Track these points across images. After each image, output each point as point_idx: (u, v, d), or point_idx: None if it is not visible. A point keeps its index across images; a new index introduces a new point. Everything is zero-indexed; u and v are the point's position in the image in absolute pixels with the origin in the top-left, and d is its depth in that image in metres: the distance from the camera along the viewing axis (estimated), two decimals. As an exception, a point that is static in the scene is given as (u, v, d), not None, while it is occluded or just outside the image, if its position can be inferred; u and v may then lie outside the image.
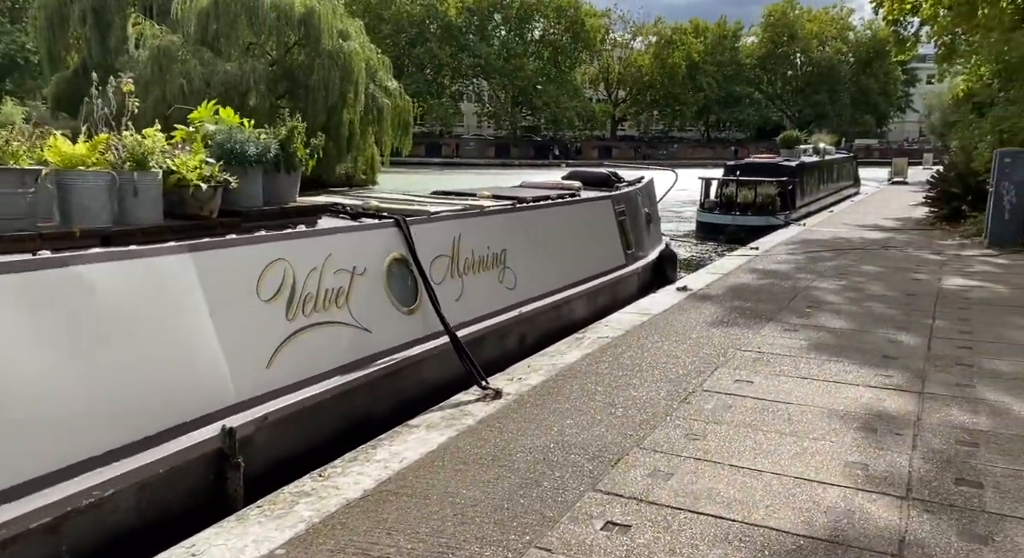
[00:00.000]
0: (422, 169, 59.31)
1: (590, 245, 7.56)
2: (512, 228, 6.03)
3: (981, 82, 15.55)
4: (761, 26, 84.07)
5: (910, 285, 8.28)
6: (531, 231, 6.36)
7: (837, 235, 13.32)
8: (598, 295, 7.38)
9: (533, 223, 6.42)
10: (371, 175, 30.45)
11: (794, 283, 8.47)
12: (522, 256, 6.05)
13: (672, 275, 9.34)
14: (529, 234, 6.31)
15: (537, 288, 6.15)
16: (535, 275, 6.20)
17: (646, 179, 10.11)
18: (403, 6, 70.96)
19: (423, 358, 4.52)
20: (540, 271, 6.32)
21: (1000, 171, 11.07)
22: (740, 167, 18.37)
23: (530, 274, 6.11)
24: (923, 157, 48.17)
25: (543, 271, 6.38)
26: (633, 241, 8.61)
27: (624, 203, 8.63)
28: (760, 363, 5.27)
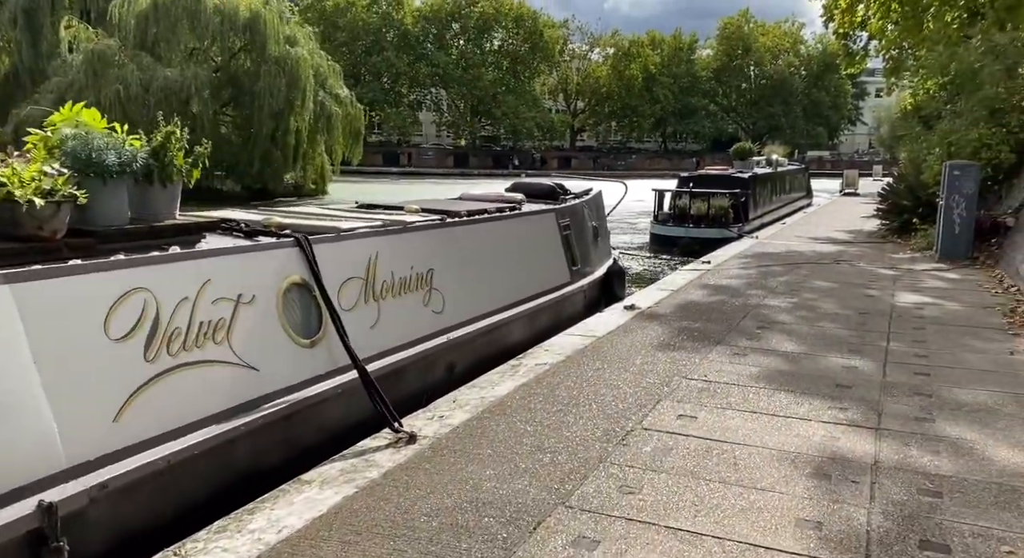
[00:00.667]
0: (378, 178, 58.41)
1: (531, 262, 7.08)
2: (441, 245, 5.51)
3: (928, 95, 15.63)
4: (716, 39, 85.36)
5: (863, 302, 8.00)
6: (463, 248, 5.85)
7: (789, 248, 13.13)
8: (539, 316, 6.90)
9: (465, 239, 5.91)
10: (321, 185, 29.65)
11: (745, 300, 8.13)
12: (452, 276, 5.53)
13: (621, 292, 8.93)
14: (461, 251, 5.80)
15: (469, 311, 5.64)
16: (467, 296, 5.69)
17: (594, 191, 9.70)
18: (359, 14, 70.10)
19: (325, 398, 3.97)
20: (473, 292, 5.81)
21: (950, 185, 10.97)
22: (693, 179, 18.19)
23: (461, 295, 5.60)
24: (873, 169, 49.18)
25: (476, 292, 5.87)
26: (579, 257, 8.17)
27: (569, 216, 8.19)
28: (706, 394, 4.84)
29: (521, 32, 78.57)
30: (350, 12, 69.49)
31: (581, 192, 9.36)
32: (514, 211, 7.20)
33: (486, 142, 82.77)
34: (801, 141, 78.42)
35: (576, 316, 7.66)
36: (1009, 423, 4.29)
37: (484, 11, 76.56)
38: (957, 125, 13.49)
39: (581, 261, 8.24)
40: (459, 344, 5.34)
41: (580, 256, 8.23)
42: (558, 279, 7.54)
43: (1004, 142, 12.51)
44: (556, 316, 7.35)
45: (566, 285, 7.66)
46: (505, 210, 7.13)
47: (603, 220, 9.94)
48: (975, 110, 13.24)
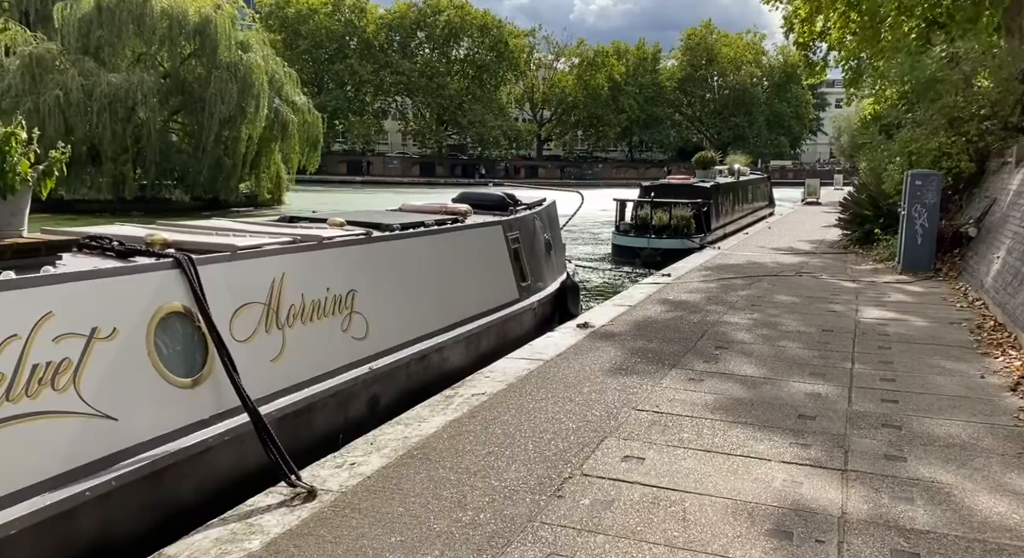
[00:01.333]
0: (341, 188, 57.50)
1: (475, 278, 6.55)
2: (365, 263, 4.94)
3: (889, 104, 15.53)
4: (680, 49, 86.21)
5: (826, 318, 7.62)
6: (394, 265, 5.30)
7: (751, 260, 12.81)
8: (483, 338, 6.36)
9: (397, 255, 5.36)
10: (278, 194, 28.76)
11: (704, 317, 7.70)
12: (379, 297, 4.97)
13: (575, 308, 8.44)
14: (391, 269, 5.24)
15: (398, 335, 5.08)
16: (396, 319, 5.13)
17: (547, 202, 9.22)
18: (321, 22, 69.19)
19: (208, 448, 3.37)
20: (404, 314, 5.25)
21: (911, 194, 10.73)
22: (655, 188, 17.85)
23: (389, 319, 5.04)
24: (834, 178, 49.84)
25: (408, 314, 5.32)
26: (529, 272, 7.66)
27: (519, 229, 7.68)
28: (657, 428, 4.35)
29: (487, 41, 78.39)
30: (312, 19, 68.56)
31: (533, 203, 8.87)
32: (456, 223, 6.66)
33: (453, 151, 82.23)
34: (764, 151, 79.45)
35: (525, 336, 7.15)
36: (986, 462, 3.87)
37: (449, 19, 76.24)
38: (917, 134, 13.35)
39: (532, 276, 7.73)
40: (384, 374, 4.77)
41: (531, 271, 7.72)
42: (505, 296, 7.02)
43: (963, 151, 12.37)
44: (503, 337, 6.82)
45: (514, 302, 7.15)
46: (447, 222, 6.60)
47: (557, 232, 9.47)
48: (934, 119, 13.11)
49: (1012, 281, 7.35)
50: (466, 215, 7.16)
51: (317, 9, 69.71)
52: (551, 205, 9.26)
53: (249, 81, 24.46)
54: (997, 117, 12.42)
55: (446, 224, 6.49)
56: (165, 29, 22.89)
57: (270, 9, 69.55)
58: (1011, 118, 12.28)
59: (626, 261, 16.67)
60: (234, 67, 24.01)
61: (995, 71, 12.55)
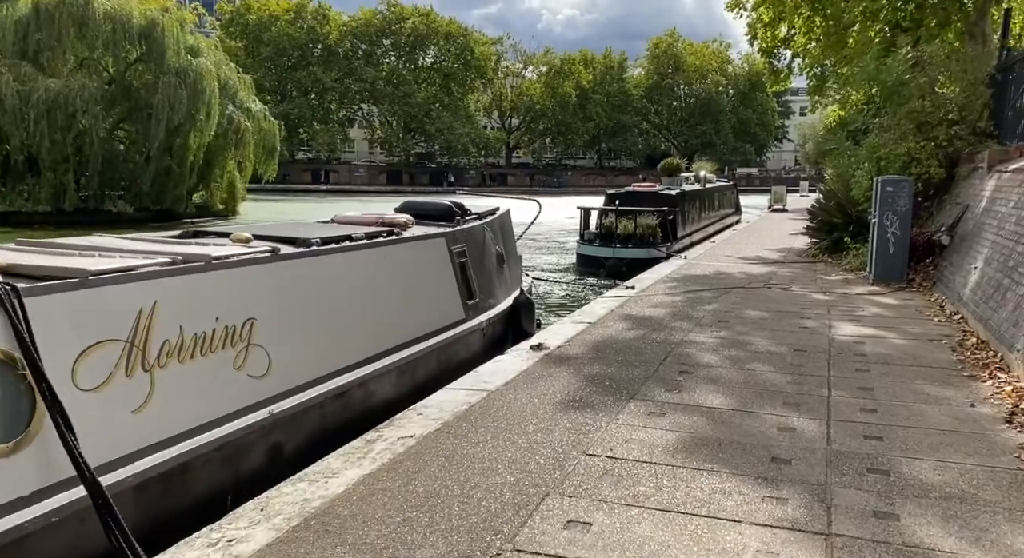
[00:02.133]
0: (303, 197, 56.32)
1: (412, 298, 5.86)
2: (269, 285, 4.23)
3: (855, 108, 15.21)
4: (647, 58, 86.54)
5: (799, 336, 7.06)
6: (307, 287, 4.58)
7: (719, 270, 12.30)
8: (421, 365, 5.67)
9: (311, 275, 4.64)
10: (232, 204, 27.71)
11: (668, 335, 7.09)
12: (285, 325, 4.25)
13: (530, 326, 7.79)
14: (302, 292, 4.53)
15: (310, 369, 4.37)
16: (308, 350, 4.42)
17: (501, 211, 8.57)
18: (283, 28, 67.94)
19: (27, 533, 2.62)
20: (318, 344, 4.54)
21: (882, 201, 10.30)
22: (620, 196, 17.32)
23: (298, 350, 4.32)
24: (800, 185, 50.17)
25: (324, 343, 4.60)
26: (477, 288, 6.99)
27: (466, 241, 7.02)
28: (609, 480, 3.70)
29: (453, 49, 77.81)
30: (274, 26, 67.30)
31: (484, 212, 8.21)
32: (392, 236, 5.97)
33: (421, 159, 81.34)
34: (731, 158, 80.00)
35: (473, 360, 6.47)
36: (991, 519, 3.28)
37: (415, 27, 75.52)
38: (885, 139, 13.01)
39: (480, 293, 7.06)
40: (290, 418, 4.05)
41: (479, 287, 7.05)
42: (449, 317, 6.34)
43: (933, 156, 12.02)
44: (446, 362, 6.14)
45: (460, 323, 6.47)
46: (382, 235, 5.90)
47: (511, 243, 8.82)
48: (902, 124, 12.78)
49: (993, 294, 6.87)
50: (406, 226, 6.48)
51: (279, 16, 68.50)
52: (504, 214, 8.61)
53: (199, 87, 23.44)
54: (965, 122, 12.10)
55: (379, 237, 5.79)
56: (109, 33, 21.80)
57: (231, 16, 68.20)
58: (979, 123, 11.97)
59: (591, 271, 16.09)
60: (183, 72, 22.99)
61: (960, 75, 12.25)
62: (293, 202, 43.62)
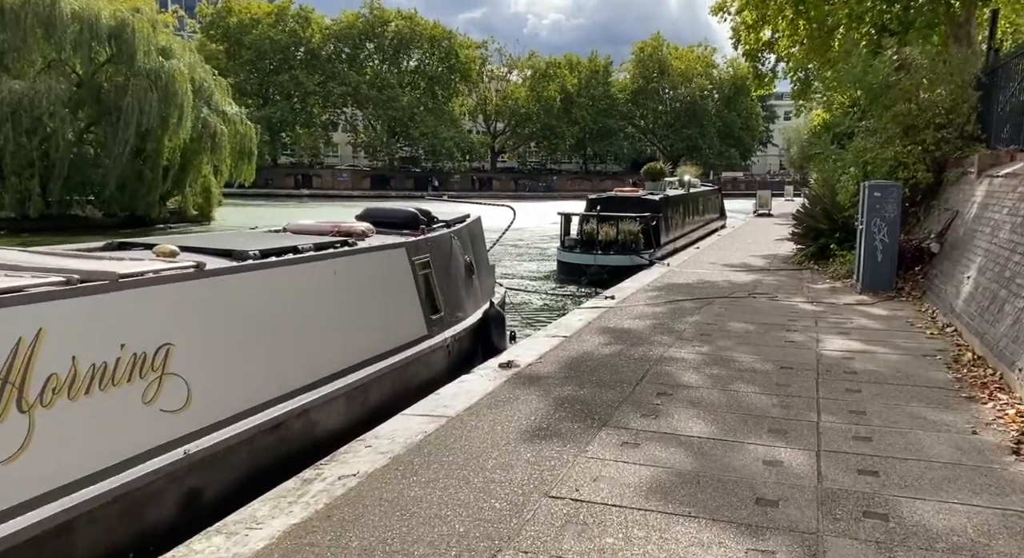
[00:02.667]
0: (286, 201, 55.58)
1: (366, 314, 5.38)
2: (190, 305, 3.75)
3: (841, 110, 14.89)
4: (632, 62, 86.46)
5: (785, 352, 6.65)
6: (239, 306, 4.11)
7: (702, 278, 11.90)
8: (374, 389, 5.19)
9: (244, 293, 4.17)
10: (208, 209, 27.06)
11: (647, 351, 6.66)
12: (209, 351, 3.77)
13: (500, 341, 7.32)
14: (233, 312, 4.05)
15: (237, 401, 3.88)
16: (237, 379, 3.93)
17: (471, 218, 8.11)
18: (264, 31, 67.12)
19: None
20: (250, 370, 4.05)
21: (870, 207, 9.94)
22: (601, 202, 16.90)
23: (224, 379, 3.84)
24: (784, 189, 50.13)
25: (258, 369, 4.12)
26: (443, 302, 6.52)
27: (431, 251, 6.55)
28: (572, 529, 3.24)
29: (437, 52, 77.33)
30: (256, 29, 66.47)
31: (453, 220, 7.75)
32: (346, 246, 5.49)
33: (405, 163, 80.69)
34: (716, 162, 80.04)
35: (436, 380, 6.00)
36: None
37: (398, 30, 74.97)
38: (871, 143, 12.70)
39: (446, 306, 6.59)
40: (211, 457, 3.56)
41: (445, 300, 6.58)
42: (409, 334, 5.87)
43: (920, 161, 11.70)
44: (405, 384, 5.66)
45: (421, 340, 6.00)
46: (335, 245, 5.42)
47: (482, 252, 8.35)
48: (889, 127, 12.47)
49: (989, 306, 6.49)
50: (364, 236, 6.01)
51: (260, 19, 67.70)
52: (474, 222, 8.15)
53: (172, 89, 22.81)
54: (952, 125, 11.80)
55: (331, 247, 5.31)
56: (76, 33, 21.13)
57: (211, 19, 67.32)
58: (967, 126, 11.67)
59: (572, 279, 15.65)
60: (155, 74, 22.35)
61: (947, 78, 11.95)
62: (273, 207, 42.94)
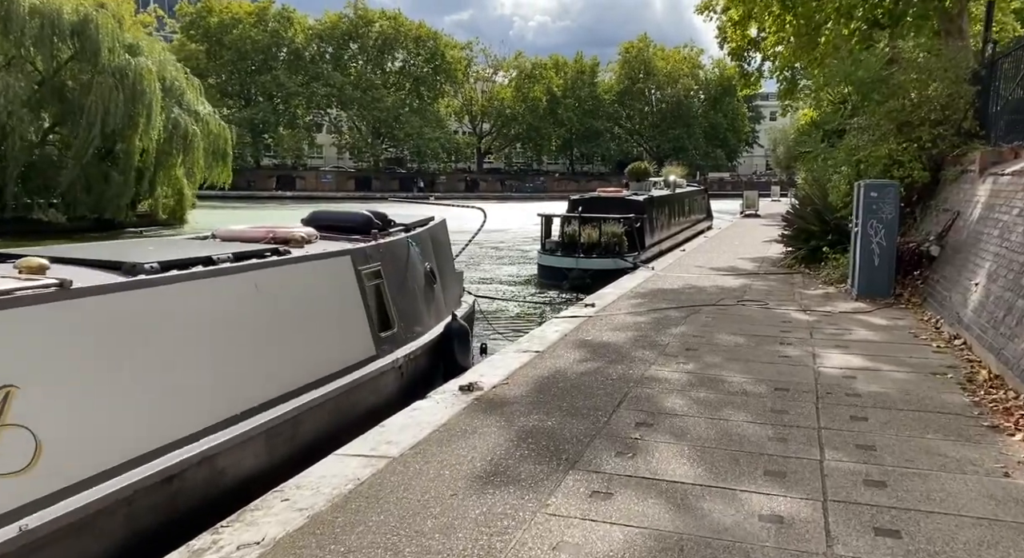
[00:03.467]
0: (267, 203, 54.54)
1: (298, 334, 4.65)
2: (42, 336, 3.01)
3: (832, 106, 14.28)
4: (618, 63, 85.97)
5: (779, 369, 5.97)
6: (119, 333, 3.35)
7: (688, 283, 11.24)
8: (304, 424, 4.45)
9: (128, 316, 3.42)
10: (180, 212, 26.16)
11: (627, 369, 5.97)
12: (74, 392, 3.01)
13: (464, 359, 6.59)
14: (111, 340, 3.30)
15: (113, 452, 3.13)
16: (113, 424, 3.18)
17: (434, 222, 7.38)
18: (246, 31, 66.03)
19: None
20: (134, 412, 3.30)
21: (866, 208, 9.31)
22: (583, 202, 16.20)
23: (95, 426, 3.08)
24: (771, 189, 49.76)
25: (145, 410, 3.37)
26: (396, 316, 5.80)
27: (383, 258, 5.83)
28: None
29: (423, 53, 76.52)
30: (236, 29, 65.38)
31: (413, 223, 7.02)
32: (278, 255, 4.75)
33: (391, 164, 79.76)
34: (702, 163, 79.72)
35: (385, 407, 5.28)
36: None
37: (383, 31, 74.09)
38: (864, 140, 12.10)
39: (400, 321, 5.87)
40: (66, 528, 2.81)
41: (399, 314, 5.86)
42: (352, 354, 5.14)
43: (916, 159, 11.10)
44: (347, 413, 4.94)
45: (368, 362, 5.27)
46: (265, 254, 4.68)
47: (447, 259, 7.62)
48: (882, 124, 11.87)
49: (1005, 318, 5.85)
50: (303, 242, 5.27)
51: (241, 19, 66.62)
52: (438, 226, 7.41)
53: (139, 88, 21.92)
54: (949, 121, 11.21)
55: (258, 256, 4.57)
56: (37, 29, 20.21)
57: (192, 18, 66.16)
58: (964, 122, 11.08)
59: (553, 284, 14.94)
60: (120, 72, 21.47)
61: (942, 73, 11.36)
62: (250, 209, 41.95)
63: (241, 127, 70.27)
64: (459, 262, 9.40)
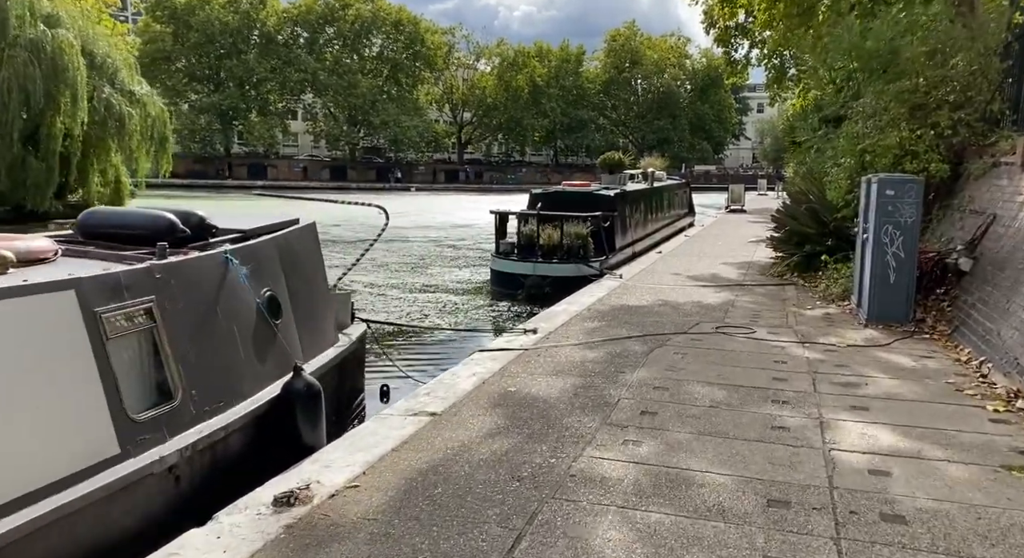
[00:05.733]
0: (232, 193, 52.00)
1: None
2: None
3: (834, 86, 12.30)
4: (604, 51, 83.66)
5: (774, 457, 4.01)
6: None
7: (660, 297, 9.27)
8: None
9: None
10: (118, 201, 23.82)
11: (551, 455, 4.00)
12: None
13: (311, 434, 4.47)
14: None
15: None
16: None
17: (294, 227, 5.30)
18: (214, 12, 63.10)
19: None
20: None
21: (879, 209, 7.37)
22: (543, 198, 14.13)
23: None
24: (758, 183, 47.98)
25: None
26: (181, 379, 3.74)
27: (162, 290, 3.76)
28: None
29: (401, 38, 73.87)
30: (204, 10, 62.45)
31: (258, 228, 4.94)
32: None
33: (368, 154, 77.16)
34: (688, 155, 77.89)
35: (141, 536, 3.23)
36: None
37: (360, 14, 71.32)
38: (870, 127, 10.17)
39: (190, 386, 3.80)
40: None
41: (187, 375, 3.80)
42: (68, 459, 3.09)
43: (933, 149, 9.19)
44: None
45: (100, 468, 3.22)
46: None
47: (314, 279, 5.52)
48: (891, 108, 9.94)
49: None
50: (6, 265, 3.21)
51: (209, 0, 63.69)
52: (297, 233, 5.31)
53: (60, 64, 19.62)
54: (972, 104, 9.29)
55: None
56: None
57: None
58: (991, 105, 9.13)
59: (507, 293, 12.88)
60: (36, 46, 19.16)
61: (968, 43, 9.41)
62: (210, 200, 39.42)
63: (209, 113, 67.64)
64: (373, 271, 7.23)
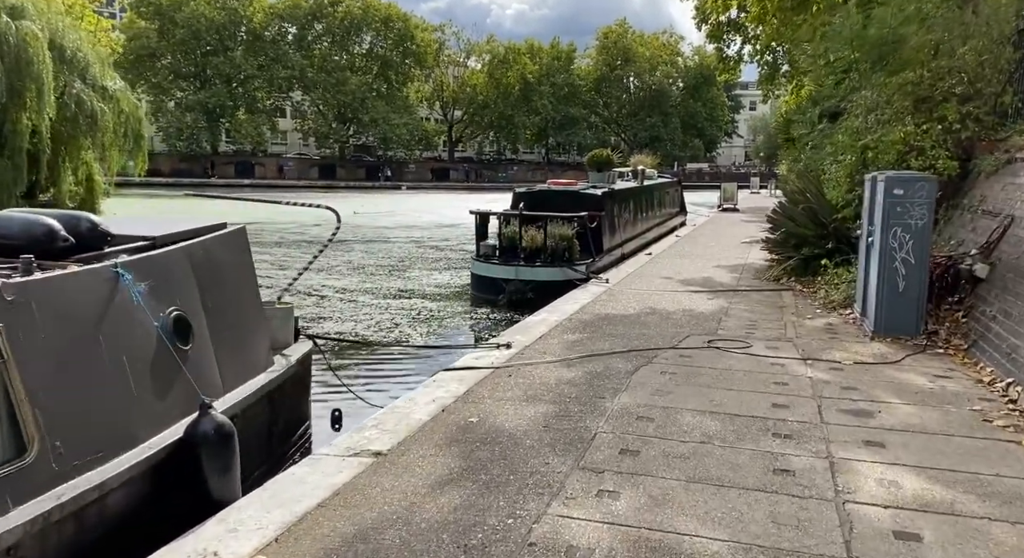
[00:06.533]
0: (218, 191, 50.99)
1: None
2: None
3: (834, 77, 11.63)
4: (595, 49, 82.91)
5: (778, 513, 3.32)
6: None
7: (648, 304, 8.59)
8: None
9: None
10: (91, 201, 22.99)
11: (508, 515, 3.31)
12: None
13: (222, 486, 3.74)
14: None
15: None
16: None
17: (216, 233, 4.56)
18: (199, 9, 62.05)
19: None
20: None
21: (887, 211, 6.69)
22: (526, 197, 13.41)
23: None
24: (751, 180, 47.38)
25: None
26: (39, 427, 3.02)
27: (18, 315, 3.03)
28: None
29: (391, 35, 72.93)
30: (189, 6, 61.41)
31: (170, 235, 4.21)
32: None
33: (358, 152, 76.21)
34: (680, 153, 77.28)
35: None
36: None
37: (349, 10, 70.33)
38: (871, 121, 9.53)
39: (51, 435, 3.08)
40: None
41: (50, 422, 3.07)
42: None
43: (940, 144, 8.54)
44: None
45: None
46: None
47: (243, 294, 4.79)
48: (895, 101, 9.30)
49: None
50: None
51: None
52: (222, 238, 4.56)
53: (25, 57, 18.74)
54: (981, 96, 8.64)
55: None
56: None
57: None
58: (1003, 97, 8.48)
59: (487, 298, 12.15)
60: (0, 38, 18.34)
61: (981, 29, 8.75)
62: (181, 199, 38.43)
63: (196, 111, 66.58)
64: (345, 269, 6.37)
